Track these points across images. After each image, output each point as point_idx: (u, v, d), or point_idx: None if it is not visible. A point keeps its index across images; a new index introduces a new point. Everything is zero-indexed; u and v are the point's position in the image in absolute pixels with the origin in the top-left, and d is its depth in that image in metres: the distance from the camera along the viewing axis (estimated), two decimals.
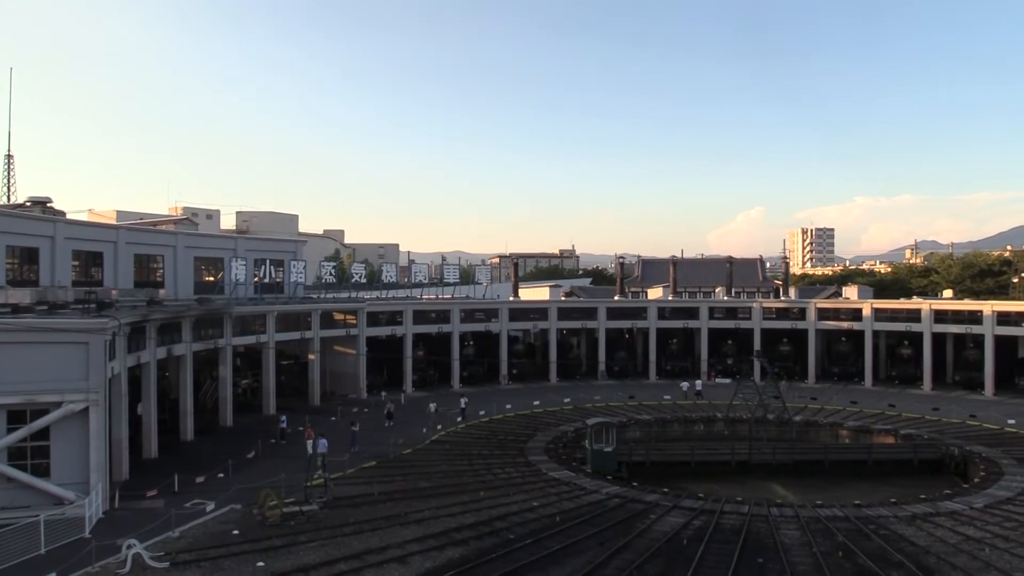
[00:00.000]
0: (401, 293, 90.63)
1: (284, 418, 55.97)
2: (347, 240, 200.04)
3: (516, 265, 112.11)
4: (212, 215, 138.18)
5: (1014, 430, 58.19)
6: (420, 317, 79.39)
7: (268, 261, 66.88)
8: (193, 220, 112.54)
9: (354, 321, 73.22)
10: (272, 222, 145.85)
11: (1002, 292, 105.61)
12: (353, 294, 77.56)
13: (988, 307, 77.29)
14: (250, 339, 62.52)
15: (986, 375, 75.77)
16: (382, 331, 76.56)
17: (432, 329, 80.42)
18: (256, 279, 64.71)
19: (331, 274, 76.70)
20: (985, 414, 63.66)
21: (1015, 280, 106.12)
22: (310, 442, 47.82)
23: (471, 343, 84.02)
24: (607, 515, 36.92)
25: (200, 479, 40.63)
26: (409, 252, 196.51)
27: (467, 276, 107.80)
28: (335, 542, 31.58)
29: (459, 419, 60.32)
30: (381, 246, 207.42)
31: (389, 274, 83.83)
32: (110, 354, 37.93)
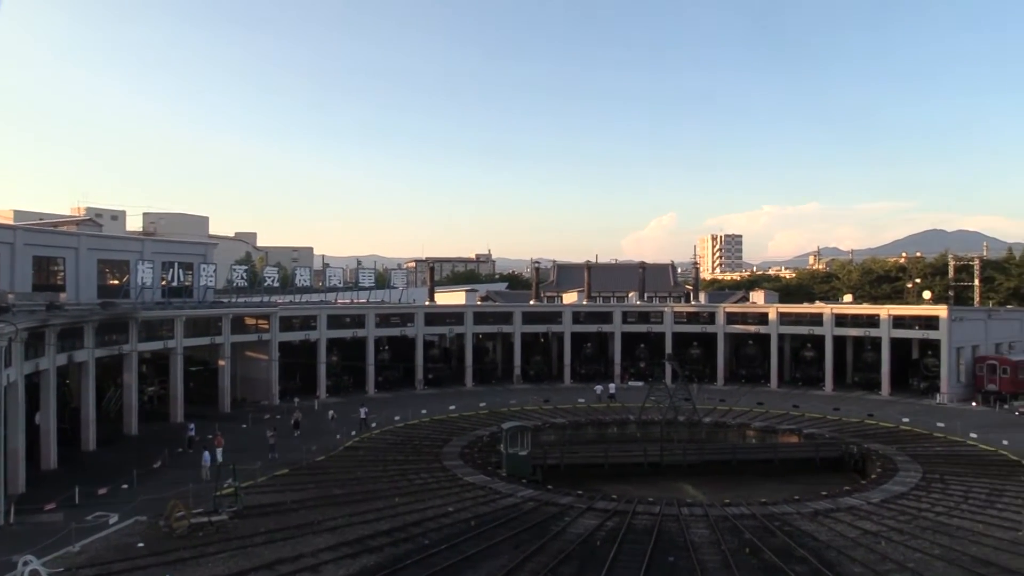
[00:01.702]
0: (315, 297, 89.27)
1: (192, 426, 54.41)
2: (260, 243, 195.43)
3: (432, 269, 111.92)
4: (117, 216, 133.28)
5: (908, 428, 61.10)
6: (335, 322, 78.28)
7: (176, 264, 64.84)
8: (97, 221, 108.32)
9: (266, 326, 71.76)
10: (181, 224, 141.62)
11: (898, 297, 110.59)
12: (266, 298, 75.99)
13: (885, 311, 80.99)
14: (157, 345, 60.60)
15: (883, 376, 79.33)
16: (295, 336, 75.22)
17: (347, 334, 79.43)
18: (164, 282, 62.72)
19: (243, 278, 74.97)
20: (882, 413, 66.63)
21: (909, 285, 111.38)
22: (219, 450, 46.70)
23: (387, 348, 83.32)
24: (522, 518, 37.17)
25: (103, 491, 39.07)
26: (324, 256, 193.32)
27: (383, 280, 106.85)
28: (245, 552, 30.89)
29: (353, 432, 56.93)
30: (295, 249, 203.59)
31: (303, 278, 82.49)
32: (5, 361, 36.19)
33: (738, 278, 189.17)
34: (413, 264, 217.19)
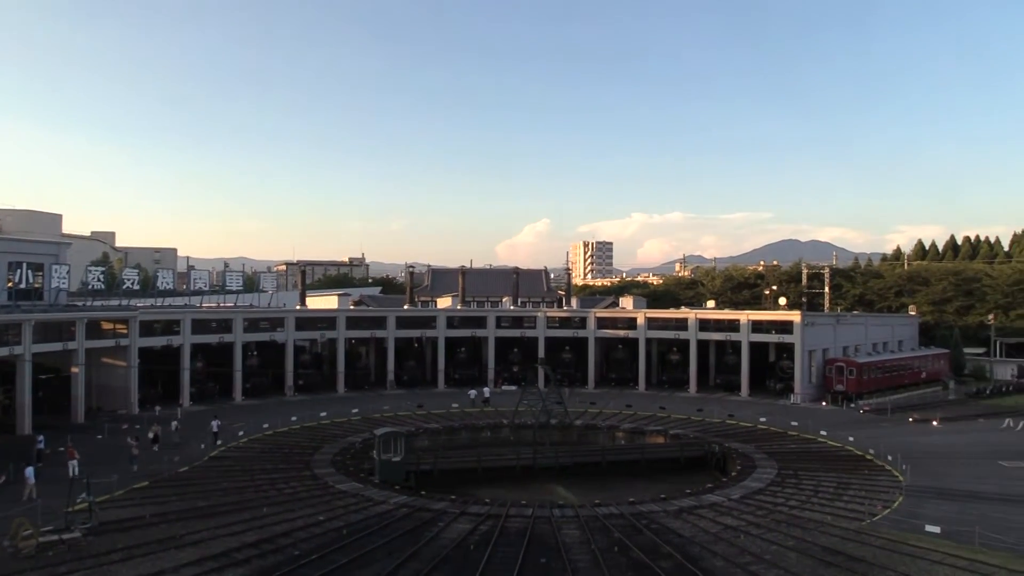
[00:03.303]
0: (179, 301, 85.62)
1: (42, 438, 50.86)
2: (119, 243, 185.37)
3: (303, 273, 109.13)
4: None
5: (765, 427, 64.38)
6: (200, 326, 75.25)
7: (25, 264, 60.79)
8: None
9: (125, 331, 68.15)
10: (29, 221, 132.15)
11: (756, 303, 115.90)
12: (125, 302, 72.25)
13: (744, 316, 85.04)
14: (2, 351, 56.52)
15: (742, 378, 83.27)
16: (157, 341, 71.86)
17: (213, 339, 76.51)
18: (10, 284, 58.67)
19: (100, 280, 71.11)
20: (741, 413, 69.89)
21: (767, 292, 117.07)
22: (73, 463, 44.03)
23: (255, 353, 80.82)
24: (395, 525, 36.87)
25: None
26: (188, 258, 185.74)
27: (251, 283, 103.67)
28: (101, 571, 29.22)
29: (203, 445, 53.70)
30: (157, 250, 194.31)
31: (166, 281, 79.08)
32: None
33: (609, 284, 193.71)
34: (284, 267, 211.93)
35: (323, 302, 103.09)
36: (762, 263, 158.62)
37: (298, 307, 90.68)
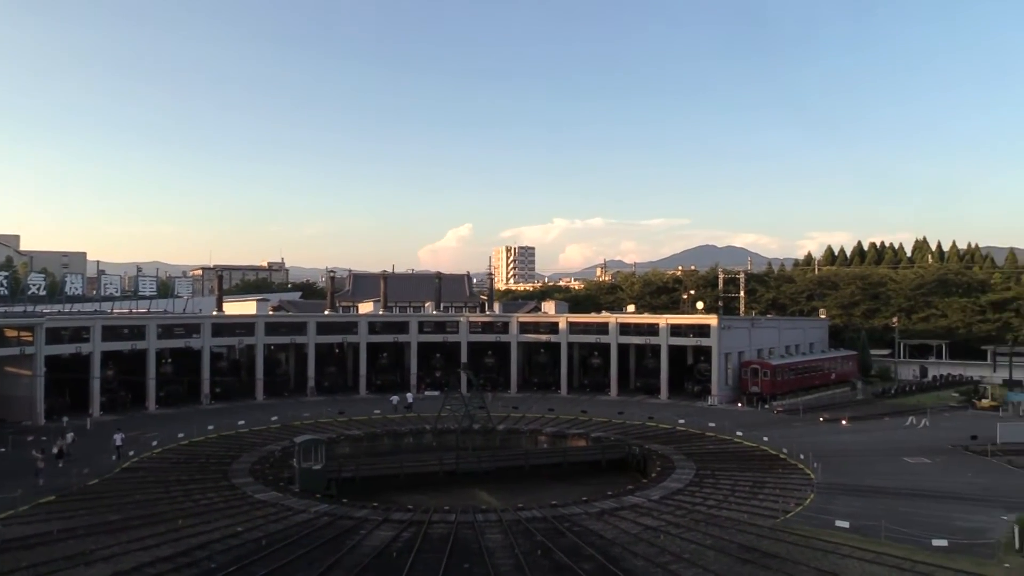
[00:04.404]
0: (89, 307, 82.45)
1: None
2: (23, 247, 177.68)
3: (220, 277, 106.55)
4: None
5: (684, 429, 65.72)
6: (111, 333, 72.64)
7: None
8: None
9: (31, 338, 65.26)
10: None
11: (674, 307, 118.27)
12: (30, 308, 69.24)
13: (663, 320, 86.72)
14: None
15: (662, 381, 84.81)
16: (65, 349, 69.05)
17: (125, 346, 73.97)
18: None
19: (3, 285, 68.02)
20: (661, 416, 71.20)
21: (684, 297, 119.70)
22: None
23: (169, 361, 78.39)
24: (316, 534, 36.31)
25: None
26: (99, 262, 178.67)
27: (166, 289, 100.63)
28: None
29: (114, 457, 51.43)
30: (65, 254, 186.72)
31: (75, 286, 76.11)
32: None
33: (531, 288, 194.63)
34: (199, 272, 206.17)
35: (241, 307, 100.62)
36: (680, 268, 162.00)
37: (215, 313, 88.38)
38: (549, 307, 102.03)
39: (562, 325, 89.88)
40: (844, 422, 69.32)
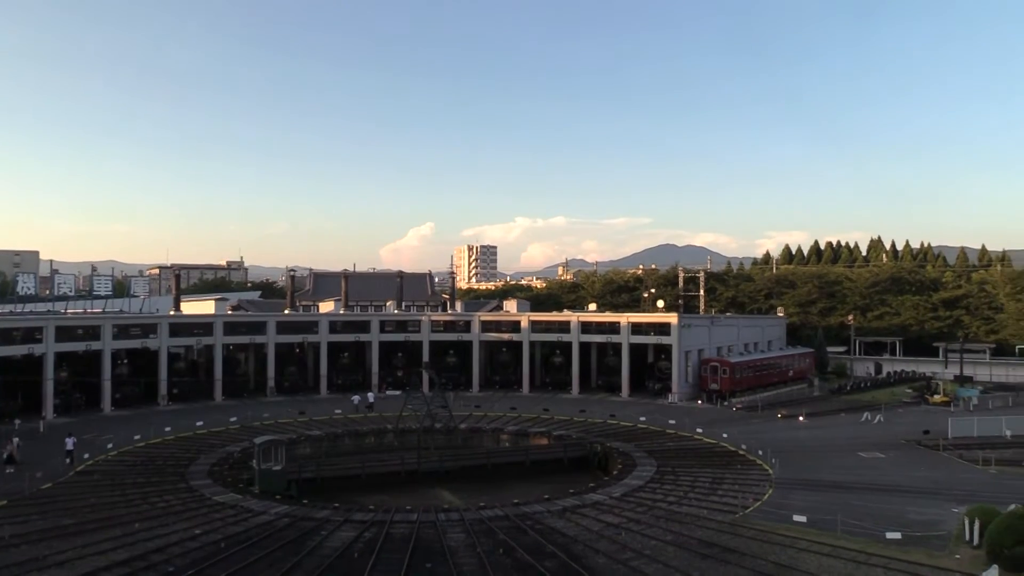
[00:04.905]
0: (42, 307, 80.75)
1: None
2: None
3: (178, 277, 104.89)
4: None
5: (645, 426, 66.25)
6: (65, 334, 71.06)
7: None
8: None
9: None
10: None
11: (635, 305, 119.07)
12: None
13: (624, 319, 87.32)
14: None
15: (623, 379, 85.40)
16: (17, 350, 67.40)
17: (80, 347, 72.49)
18: None
19: None
20: (622, 413, 71.67)
21: (645, 295, 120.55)
22: None
23: (125, 361, 76.99)
24: (276, 536, 35.96)
25: None
26: (52, 261, 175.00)
27: (122, 288, 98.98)
28: None
29: (68, 460, 50.16)
30: (17, 253, 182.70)
31: (27, 285, 74.63)
32: None
33: (493, 288, 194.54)
34: (156, 271, 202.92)
35: (199, 307, 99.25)
36: (641, 267, 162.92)
37: (172, 312, 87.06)
38: (511, 306, 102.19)
39: (524, 324, 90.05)
40: (801, 418, 70.40)
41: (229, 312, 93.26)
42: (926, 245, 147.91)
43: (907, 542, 33.71)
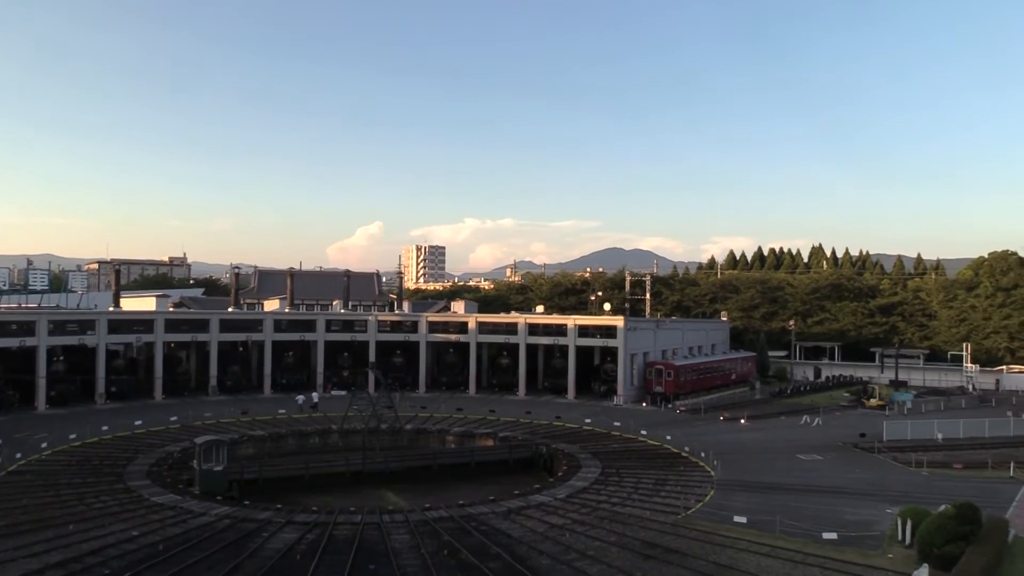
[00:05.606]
0: None
1: None
2: None
3: (118, 272, 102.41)
4: None
5: (590, 428, 66.77)
6: None
7: None
8: None
9: None
10: None
11: (583, 308, 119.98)
12: None
13: (571, 321, 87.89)
14: None
15: (569, 381, 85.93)
16: None
17: (13, 343, 70.37)
18: None
19: None
20: (568, 415, 72.12)
21: (592, 298, 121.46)
22: None
23: (61, 358, 74.92)
24: (216, 537, 35.40)
25: None
26: None
27: (59, 283, 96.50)
28: None
29: (19, 455, 49.40)
30: None
31: None
32: None
33: (441, 288, 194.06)
34: (95, 266, 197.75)
35: (140, 303, 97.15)
36: (588, 270, 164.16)
37: (111, 308, 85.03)
38: (459, 307, 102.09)
39: (471, 325, 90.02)
40: (743, 421, 71.67)
41: (171, 309, 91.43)
42: (865, 253, 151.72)
43: (843, 542, 34.62)
